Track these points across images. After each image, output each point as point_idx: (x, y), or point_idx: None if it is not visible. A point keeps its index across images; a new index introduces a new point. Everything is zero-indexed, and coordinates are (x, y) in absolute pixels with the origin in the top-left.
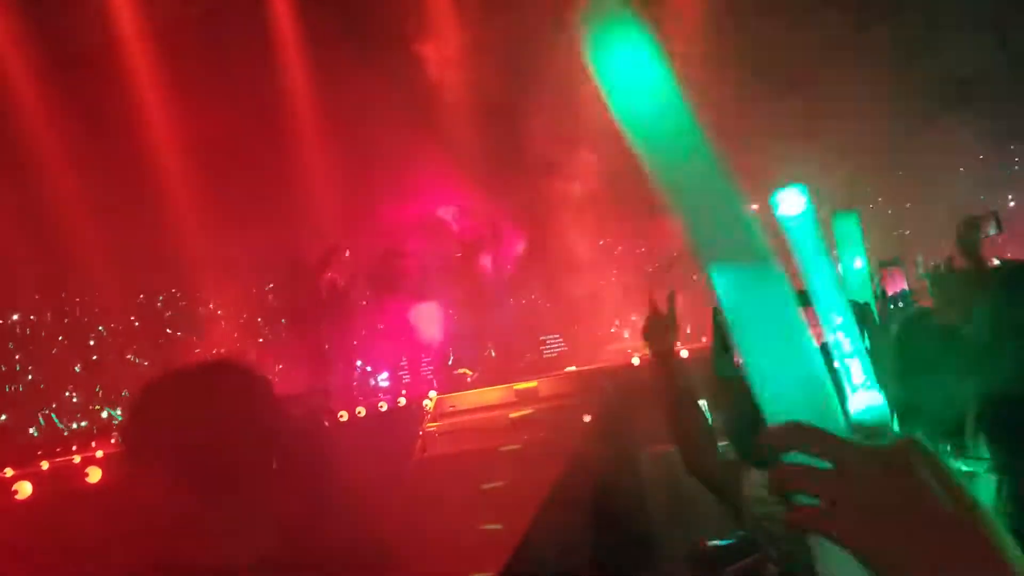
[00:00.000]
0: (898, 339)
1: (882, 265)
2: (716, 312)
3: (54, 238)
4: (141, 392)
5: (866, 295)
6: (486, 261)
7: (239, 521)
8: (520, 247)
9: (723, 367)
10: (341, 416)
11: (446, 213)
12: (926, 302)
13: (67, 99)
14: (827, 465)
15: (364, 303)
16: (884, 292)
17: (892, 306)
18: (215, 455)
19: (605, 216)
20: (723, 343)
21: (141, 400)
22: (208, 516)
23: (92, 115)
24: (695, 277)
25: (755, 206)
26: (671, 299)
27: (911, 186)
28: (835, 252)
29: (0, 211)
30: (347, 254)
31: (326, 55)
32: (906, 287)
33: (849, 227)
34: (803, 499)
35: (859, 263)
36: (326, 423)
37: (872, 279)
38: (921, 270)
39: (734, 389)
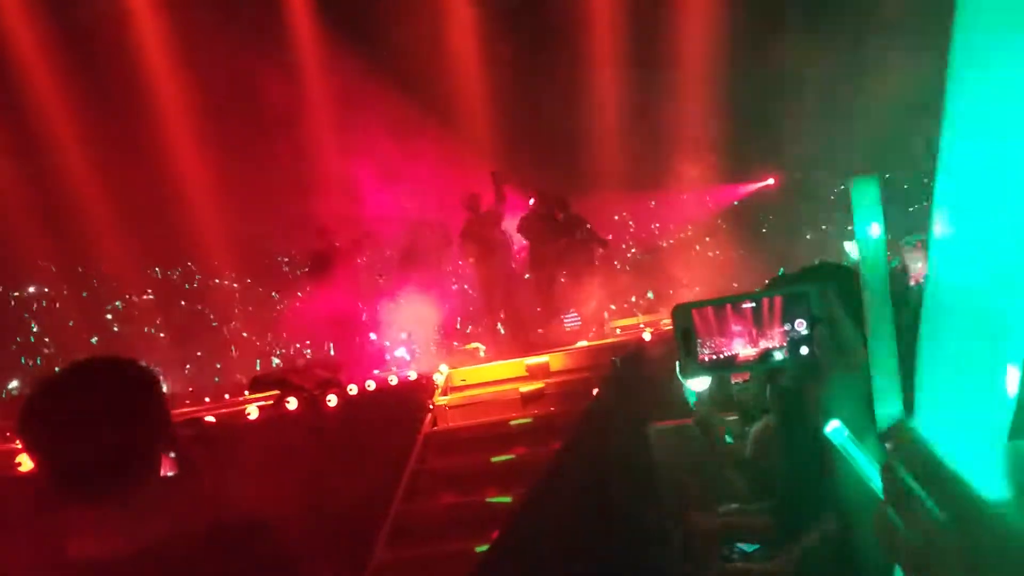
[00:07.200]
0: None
1: (907, 242)
2: (677, 311)
3: (73, 212)
4: (31, 388)
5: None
6: (501, 237)
7: (126, 514)
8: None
9: (689, 369)
10: (350, 389)
11: (463, 190)
12: None
13: (88, 76)
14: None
15: (378, 277)
16: (906, 268)
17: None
18: (104, 446)
19: (620, 192)
20: (687, 345)
21: (30, 396)
22: (95, 510)
23: (115, 91)
24: (710, 254)
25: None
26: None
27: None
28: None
29: (20, 185)
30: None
31: (342, 42)
32: None
33: (868, 194)
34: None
35: (876, 229)
36: (332, 399)
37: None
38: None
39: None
